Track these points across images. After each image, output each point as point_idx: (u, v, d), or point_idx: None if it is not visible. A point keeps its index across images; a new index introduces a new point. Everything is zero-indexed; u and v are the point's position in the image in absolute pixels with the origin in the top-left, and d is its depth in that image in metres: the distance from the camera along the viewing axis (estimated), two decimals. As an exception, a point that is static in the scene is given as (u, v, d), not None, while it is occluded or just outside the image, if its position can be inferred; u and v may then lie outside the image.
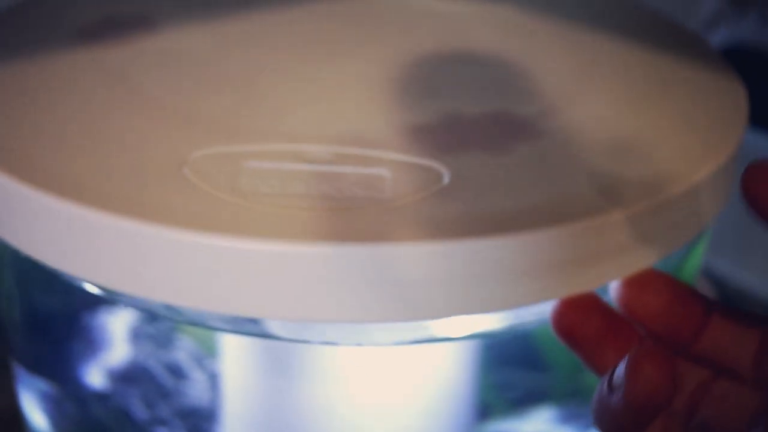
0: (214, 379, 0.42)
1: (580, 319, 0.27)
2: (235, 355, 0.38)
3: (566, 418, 0.43)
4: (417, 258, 0.25)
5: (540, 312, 0.30)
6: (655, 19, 0.41)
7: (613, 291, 0.28)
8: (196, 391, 0.42)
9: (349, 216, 0.26)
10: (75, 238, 0.27)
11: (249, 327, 0.30)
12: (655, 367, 0.23)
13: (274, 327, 0.30)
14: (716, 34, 0.55)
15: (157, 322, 0.43)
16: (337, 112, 0.32)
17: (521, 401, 0.43)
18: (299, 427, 0.37)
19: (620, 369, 0.24)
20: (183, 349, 0.43)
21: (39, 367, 0.41)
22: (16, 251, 0.35)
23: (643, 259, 0.28)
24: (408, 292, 0.25)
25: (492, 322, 0.30)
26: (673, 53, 0.37)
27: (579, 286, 0.27)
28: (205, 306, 0.26)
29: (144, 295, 0.27)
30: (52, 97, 0.32)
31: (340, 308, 0.25)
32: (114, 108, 0.32)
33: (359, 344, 0.31)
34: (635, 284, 0.28)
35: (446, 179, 0.28)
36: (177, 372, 0.42)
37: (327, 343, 0.30)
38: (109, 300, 0.40)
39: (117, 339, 0.42)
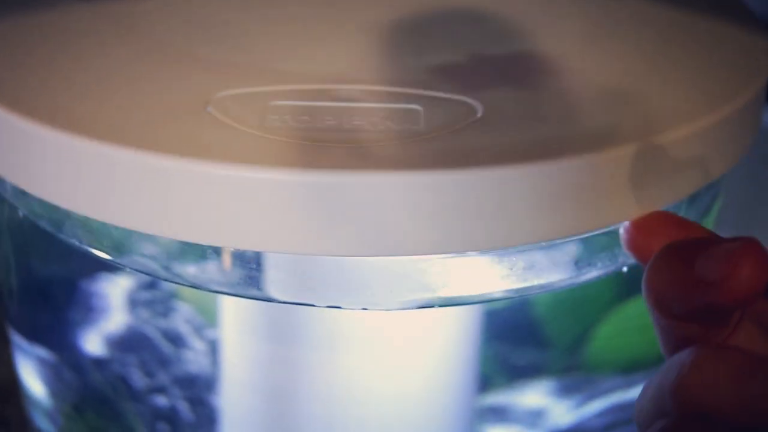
0: (213, 347, 0.41)
1: (653, 237, 0.26)
2: (234, 320, 0.37)
3: (565, 391, 0.42)
4: (464, 186, 0.24)
5: (542, 280, 0.30)
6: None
7: (621, 236, 0.27)
8: (194, 359, 0.41)
9: (385, 147, 0.25)
10: (100, 177, 0.26)
11: (251, 291, 0.29)
12: (756, 269, 0.22)
13: (277, 290, 0.29)
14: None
15: (156, 289, 0.42)
16: (361, 54, 0.31)
17: (520, 374, 0.42)
18: (300, 393, 0.36)
19: (710, 263, 0.23)
20: (182, 317, 0.42)
21: (37, 335, 0.40)
22: (14, 216, 0.34)
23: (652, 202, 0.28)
24: (453, 221, 0.24)
25: (498, 286, 0.30)
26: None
27: (606, 217, 0.27)
28: (240, 243, 0.26)
29: (173, 234, 0.26)
30: (66, 48, 0.31)
31: (385, 240, 0.25)
32: (131, 56, 0.31)
33: (365, 308, 0.30)
34: (642, 227, 0.27)
35: (480, 112, 0.27)
36: (175, 340, 0.41)
37: (332, 306, 0.29)
38: (109, 264, 0.40)
39: (115, 306, 0.41)
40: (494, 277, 0.29)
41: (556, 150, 0.25)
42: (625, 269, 0.31)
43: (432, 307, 0.29)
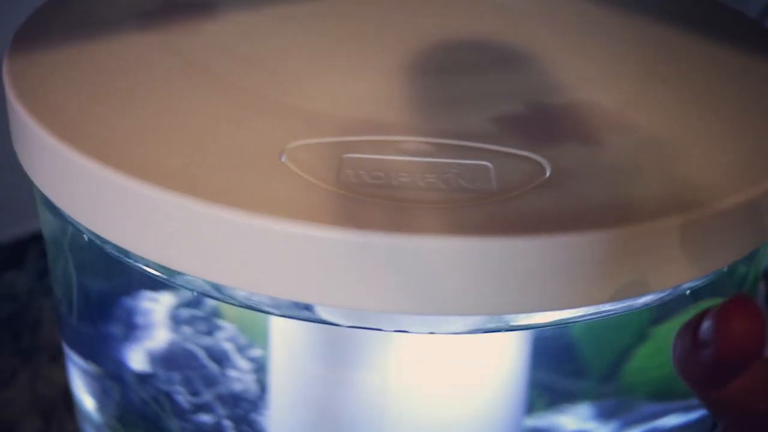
0: (257, 367, 0.42)
1: None
2: (285, 341, 0.38)
3: (603, 416, 0.43)
4: (542, 251, 0.25)
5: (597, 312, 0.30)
6: (715, 6, 0.42)
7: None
8: (238, 377, 0.42)
9: (462, 209, 0.26)
10: (176, 230, 0.27)
11: (315, 315, 0.30)
12: (745, 321, 0.23)
13: (343, 315, 0.30)
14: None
15: (205, 307, 0.43)
16: (424, 102, 0.32)
17: (558, 399, 0.43)
18: (350, 416, 0.37)
19: (707, 324, 0.24)
20: (226, 336, 0.43)
21: (90, 352, 0.40)
22: (77, 238, 0.35)
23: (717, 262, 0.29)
24: (532, 283, 0.25)
25: (565, 313, 0.30)
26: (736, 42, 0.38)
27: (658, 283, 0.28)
28: (317, 300, 0.26)
29: (251, 288, 0.27)
30: (135, 87, 0.32)
31: (463, 300, 0.25)
32: (199, 96, 0.31)
33: (432, 332, 0.31)
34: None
35: (548, 171, 0.28)
36: (219, 358, 0.42)
37: (400, 331, 0.30)
38: (162, 283, 0.40)
39: (161, 323, 0.42)
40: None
41: (622, 215, 0.26)
42: (687, 292, 0.32)
43: (499, 331, 0.30)
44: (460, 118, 0.31)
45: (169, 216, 0.27)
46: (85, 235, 0.33)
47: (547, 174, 0.28)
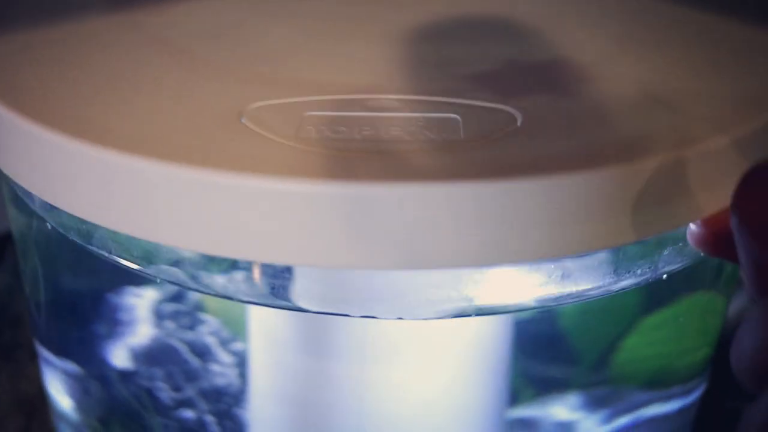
0: (239, 361, 0.41)
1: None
2: (263, 332, 0.37)
3: (592, 405, 0.42)
4: (513, 195, 0.24)
5: (579, 288, 0.29)
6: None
7: (690, 233, 0.27)
8: (221, 372, 0.41)
9: (426, 157, 0.25)
10: (131, 191, 0.26)
11: (282, 301, 0.29)
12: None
13: (309, 301, 0.29)
14: None
15: (183, 301, 0.41)
16: (394, 62, 0.31)
17: (545, 387, 0.42)
18: (330, 405, 0.36)
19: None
20: (209, 330, 0.41)
21: (64, 349, 0.39)
22: (42, 228, 0.34)
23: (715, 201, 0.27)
24: (503, 231, 0.24)
25: (535, 295, 0.29)
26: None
27: (651, 227, 0.27)
28: (274, 258, 0.25)
29: (206, 249, 0.26)
30: (94, 60, 0.31)
31: (435, 251, 0.24)
32: (161, 68, 0.30)
33: (400, 317, 0.29)
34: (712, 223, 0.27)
35: (519, 120, 0.27)
36: (202, 353, 0.41)
37: (367, 316, 0.29)
38: (135, 276, 0.39)
39: (141, 319, 0.40)
40: (532, 286, 0.29)
41: (596, 159, 0.25)
42: (664, 276, 0.30)
43: (468, 316, 0.29)
44: (430, 77, 0.30)
45: (126, 180, 0.26)
46: (48, 224, 0.32)
47: (518, 123, 0.27)
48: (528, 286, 0.29)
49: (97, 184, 0.26)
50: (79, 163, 0.26)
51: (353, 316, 0.29)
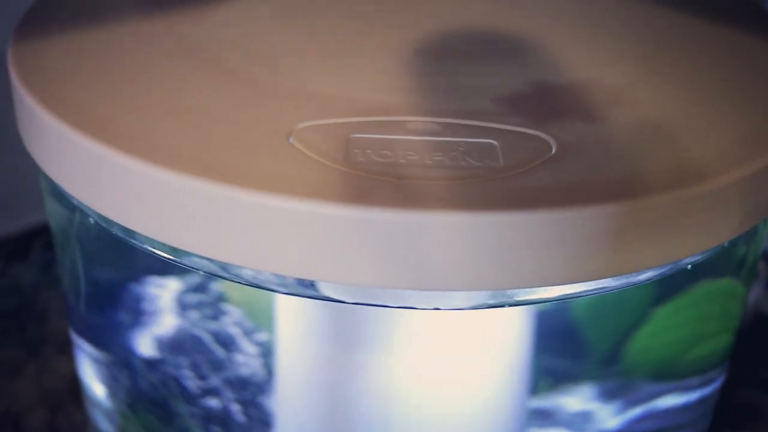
0: (263, 351, 0.42)
1: None
2: (291, 322, 0.38)
3: (606, 396, 0.43)
4: (556, 224, 0.25)
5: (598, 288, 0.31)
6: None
7: None
8: (245, 362, 0.43)
9: (471, 185, 0.26)
10: (184, 211, 0.27)
11: (313, 290, 0.30)
12: None
13: (349, 292, 0.30)
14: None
15: (211, 292, 0.43)
16: (429, 86, 0.32)
17: (561, 380, 0.44)
18: (357, 395, 0.38)
19: None
20: (234, 321, 0.43)
21: (99, 338, 0.41)
22: (84, 224, 0.35)
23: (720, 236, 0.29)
24: (544, 256, 0.26)
25: (570, 287, 0.31)
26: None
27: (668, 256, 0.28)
28: (328, 277, 0.27)
29: (260, 267, 0.27)
30: (141, 72, 0.32)
31: (471, 276, 0.26)
32: (204, 81, 0.32)
33: (437, 308, 0.31)
34: None
35: (554, 148, 0.28)
36: (229, 343, 0.43)
37: (405, 307, 0.30)
38: (168, 267, 0.41)
39: (170, 310, 0.42)
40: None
41: (627, 189, 0.27)
42: (688, 267, 0.32)
43: (503, 306, 0.30)
44: (465, 100, 0.31)
45: (177, 196, 0.27)
46: (91, 219, 0.33)
47: (553, 151, 0.28)
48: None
49: (150, 200, 0.28)
50: (130, 179, 0.28)
51: (391, 307, 0.30)
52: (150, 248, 0.31)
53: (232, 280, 0.31)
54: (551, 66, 0.34)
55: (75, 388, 0.51)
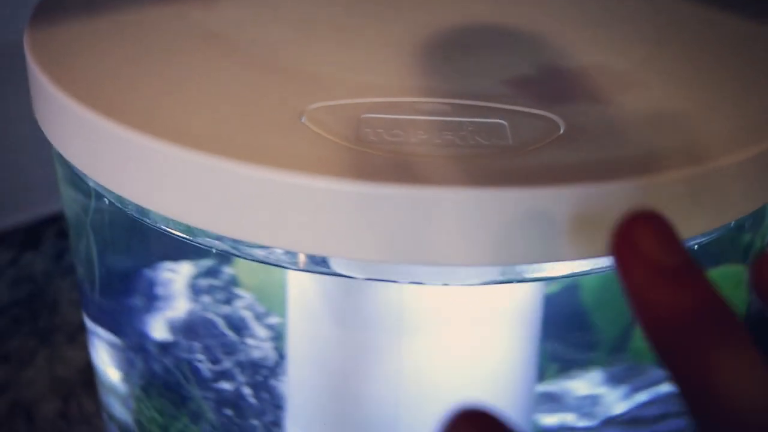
0: (274, 334, 0.43)
1: None
2: (301, 303, 0.38)
3: (613, 380, 0.44)
4: (561, 200, 0.26)
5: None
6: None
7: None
8: (256, 345, 0.43)
9: (479, 162, 0.27)
10: (200, 189, 0.28)
11: (324, 267, 0.30)
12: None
13: (358, 268, 0.30)
14: None
15: (223, 276, 0.43)
16: (439, 69, 0.33)
17: (569, 365, 0.44)
18: (366, 376, 0.38)
19: None
20: (246, 305, 0.43)
21: (114, 324, 0.41)
22: (100, 206, 0.36)
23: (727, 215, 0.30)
24: (552, 232, 0.26)
25: (578, 264, 0.31)
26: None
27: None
28: (341, 253, 0.27)
29: (274, 244, 0.28)
30: (155, 55, 0.33)
31: (483, 251, 0.26)
32: (218, 63, 0.32)
33: (446, 284, 0.31)
34: None
35: (562, 128, 0.29)
36: (240, 327, 0.43)
37: (414, 282, 0.31)
38: (182, 252, 0.41)
39: (182, 294, 0.43)
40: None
41: (634, 168, 0.27)
42: (695, 247, 0.32)
43: (511, 282, 0.30)
44: (475, 82, 0.32)
45: (193, 174, 0.28)
46: (106, 199, 0.33)
47: (561, 131, 0.29)
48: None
49: (166, 178, 0.28)
50: (146, 158, 0.28)
51: (401, 283, 0.31)
52: (165, 227, 0.31)
53: (246, 258, 0.31)
54: (560, 51, 0.34)
55: (86, 376, 0.52)
